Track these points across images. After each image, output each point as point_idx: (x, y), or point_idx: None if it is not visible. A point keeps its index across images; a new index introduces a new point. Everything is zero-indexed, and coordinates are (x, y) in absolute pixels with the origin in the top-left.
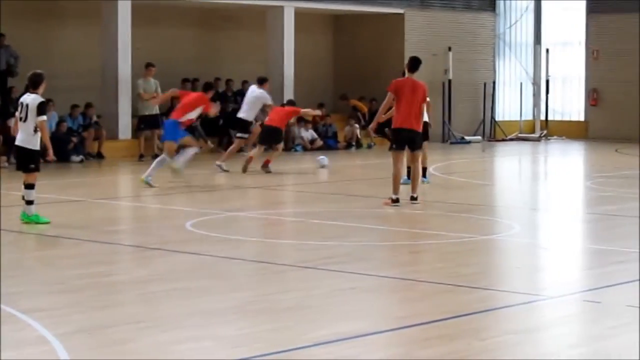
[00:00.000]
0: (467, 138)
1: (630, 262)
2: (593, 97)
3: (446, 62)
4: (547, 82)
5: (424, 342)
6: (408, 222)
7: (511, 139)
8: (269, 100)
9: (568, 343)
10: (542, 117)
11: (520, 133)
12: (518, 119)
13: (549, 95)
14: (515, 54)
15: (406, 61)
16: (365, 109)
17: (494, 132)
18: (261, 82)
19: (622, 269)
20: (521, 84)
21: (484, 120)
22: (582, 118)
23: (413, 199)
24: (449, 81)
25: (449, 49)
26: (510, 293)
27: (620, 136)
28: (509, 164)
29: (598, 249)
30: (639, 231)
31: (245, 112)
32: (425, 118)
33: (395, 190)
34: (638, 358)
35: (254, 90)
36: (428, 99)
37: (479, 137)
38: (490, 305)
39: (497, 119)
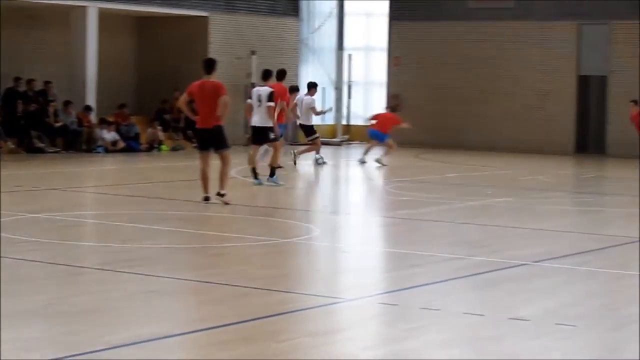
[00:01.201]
0: None
1: (426, 265)
2: (394, 103)
3: (249, 65)
4: (349, 87)
5: (222, 345)
6: (209, 225)
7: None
8: (314, 103)
9: (364, 345)
10: (344, 122)
11: (322, 137)
12: (320, 123)
13: (351, 100)
14: (318, 58)
15: None
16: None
17: (297, 136)
18: (309, 87)
19: (418, 272)
20: (324, 88)
21: (286, 124)
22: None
23: (219, 194)
24: (252, 85)
25: (253, 52)
26: (309, 296)
27: (420, 142)
28: (311, 168)
29: (396, 252)
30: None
31: (304, 118)
32: (269, 123)
33: (205, 189)
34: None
35: (302, 97)
36: (226, 98)
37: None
38: (289, 308)
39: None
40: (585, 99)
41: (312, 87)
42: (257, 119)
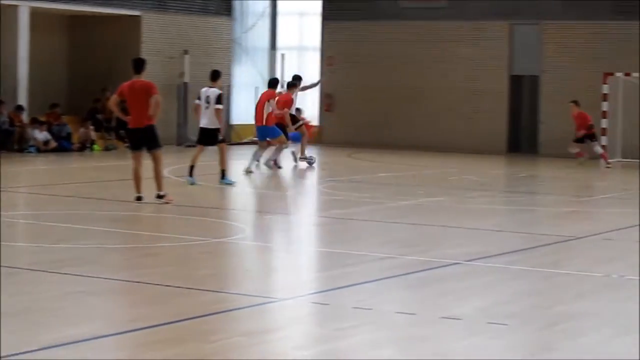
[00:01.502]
0: None
1: (358, 265)
2: (327, 102)
3: (182, 65)
4: (282, 87)
5: (153, 345)
6: (142, 225)
7: (246, 143)
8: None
9: (295, 345)
10: None
11: (254, 137)
12: (253, 122)
13: None
14: (251, 58)
15: None
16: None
17: (230, 136)
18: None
19: (350, 271)
20: (257, 88)
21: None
22: (316, 123)
23: (158, 196)
24: (185, 84)
25: (186, 52)
26: (242, 295)
27: (353, 141)
28: (244, 167)
29: (328, 251)
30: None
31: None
32: (217, 124)
33: (137, 189)
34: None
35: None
36: (157, 97)
37: None
38: (221, 308)
39: (232, 123)
40: (518, 99)
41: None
42: (206, 121)
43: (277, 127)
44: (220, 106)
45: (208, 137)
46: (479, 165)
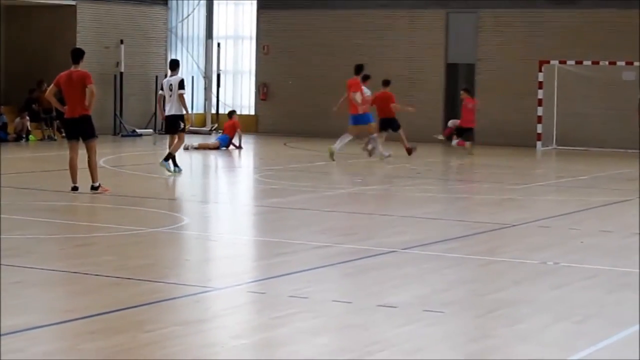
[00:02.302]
0: (139, 131)
1: (295, 253)
2: (263, 91)
3: (118, 54)
4: (218, 76)
5: (89, 335)
6: (78, 215)
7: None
8: None
9: (232, 334)
10: (213, 111)
11: (192, 126)
12: (189, 112)
13: (220, 89)
14: (187, 47)
15: None
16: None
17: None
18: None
19: (287, 260)
20: (193, 77)
21: (155, 114)
22: (252, 112)
23: (93, 188)
24: (121, 74)
25: (121, 41)
26: (179, 285)
27: (289, 130)
28: (180, 157)
29: (265, 240)
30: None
31: None
32: (182, 111)
33: (73, 179)
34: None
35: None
36: (92, 87)
37: (151, 130)
38: (158, 298)
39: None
40: (453, 87)
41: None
42: (170, 108)
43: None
44: (183, 91)
45: (173, 124)
46: (415, 153)
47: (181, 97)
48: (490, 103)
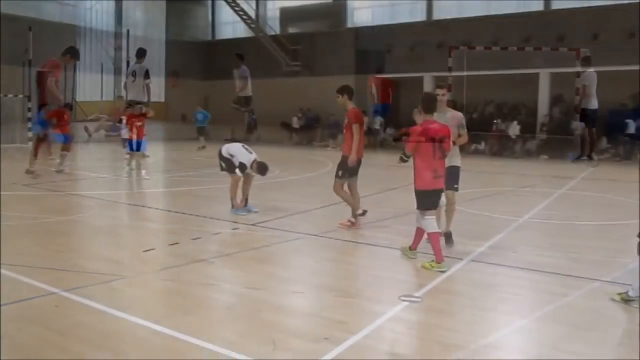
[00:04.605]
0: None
1: None
2: (173, 79)
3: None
4: (128, 64)
5: None
6: None
7: (92, 120)
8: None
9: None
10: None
11: (101, 114)
12: (99, 99)
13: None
14: (97, 37)
15: None
16: None
17: (75, 113)
18: None
19: None
20: (102, 64)
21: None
22: (162, 99)
23: None
24: (30, 62)
25: (30, 29)
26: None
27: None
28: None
29: None
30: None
31: None
32: (144, 98)
33: None
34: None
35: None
36: None
37: None
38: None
39: (78, 100)
40: None
41: None
42: (131, 94)
43: None
44: (149, 80)
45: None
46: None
47: (147, 86)
48: None
